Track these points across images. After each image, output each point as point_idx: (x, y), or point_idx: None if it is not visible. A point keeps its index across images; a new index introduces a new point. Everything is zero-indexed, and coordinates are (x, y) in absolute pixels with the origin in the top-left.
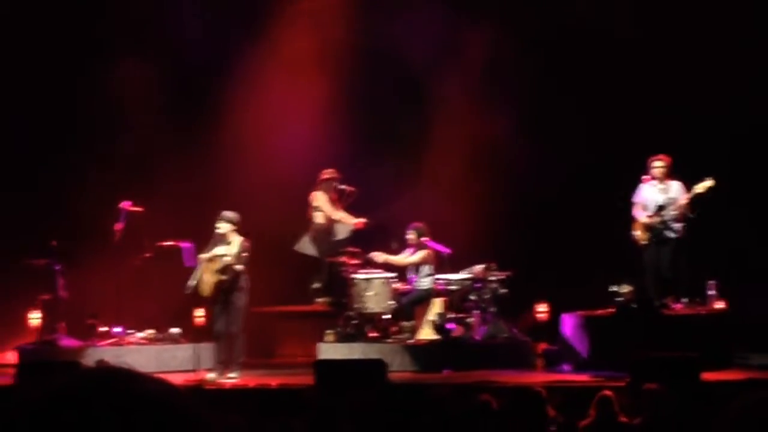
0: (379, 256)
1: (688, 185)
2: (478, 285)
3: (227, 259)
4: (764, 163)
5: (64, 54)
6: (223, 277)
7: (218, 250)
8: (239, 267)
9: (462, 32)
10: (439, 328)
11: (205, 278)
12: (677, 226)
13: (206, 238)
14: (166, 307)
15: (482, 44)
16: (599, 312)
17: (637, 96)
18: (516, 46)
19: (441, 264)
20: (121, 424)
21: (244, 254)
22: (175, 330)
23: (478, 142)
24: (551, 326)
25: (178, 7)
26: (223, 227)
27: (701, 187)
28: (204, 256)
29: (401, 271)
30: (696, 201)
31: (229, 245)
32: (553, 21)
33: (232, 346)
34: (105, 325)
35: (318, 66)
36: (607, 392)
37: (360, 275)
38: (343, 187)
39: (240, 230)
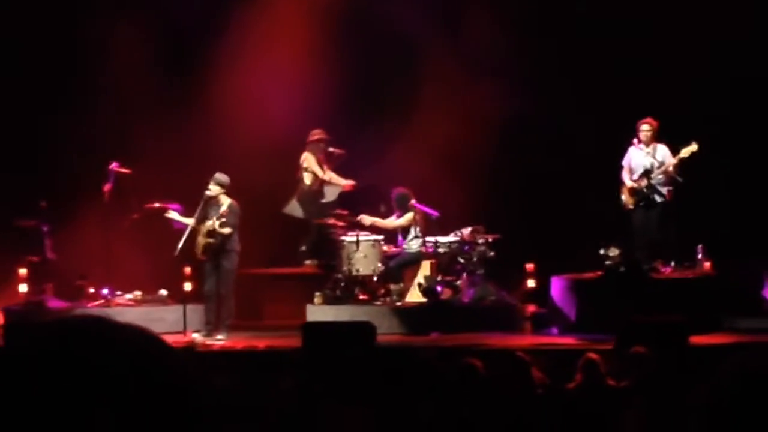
0: (366, 219)
1: (676, 149)
2: (467, 248)
3: (217, 221)
4: (751, 125)
5: (52, 14)
6: (213, 240)
7: (212, 212)
8: (227, 230)
9: None
10: (427, 290)
11: (199, 240)
12: (665, 189)
13: (195, 199)
14: (154, 268)
15: (473, 7)
16: (587, 275)
17: (626, 59)
18: (508, 10)
19: (429, 227)
20: (97, 371)
21: (233, 216)
22: (163, 291)
23: (468, 105)
24: (540, 289)
25: None
26: (214, 189)
27: (686, 151)
28: (187, 220)
29: (390, 234)
30: (682, 165)
31: (219, 207)
32: None
33: (221, 307)
34: (93, 287)
35: (307, 26)
36: (593, 355)
37: (349, 237)
38: (331, 149)
39: (229, 192)
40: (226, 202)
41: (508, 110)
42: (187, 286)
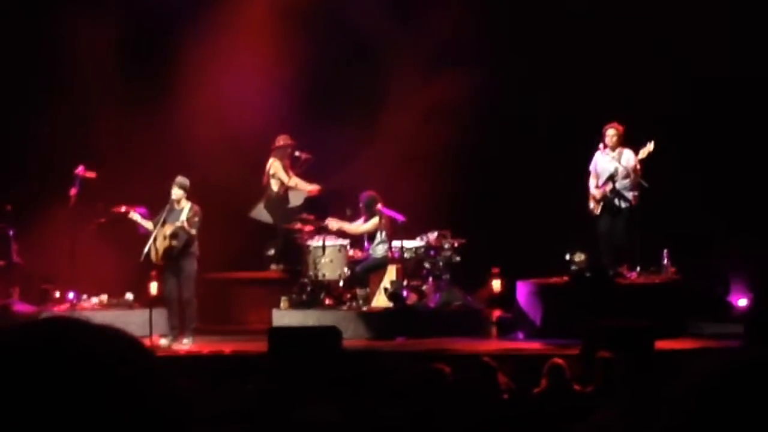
0: (333, 224)
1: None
2: (432, 252)
3: (178, 224)
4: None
5: (17, 12)
6: (174, 243)
7: (174, 215)
8: (194, 230)
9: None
10: (393, 295)
11: (157, 244)
12: (630, 195)
13: (161, 203)
14: (120, 272)
15: (438, 6)
16: (553, 280)
17: (594, 62)
18: (475, 8)
19: (395, 231)
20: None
21: (195, 219)
22: (129, 295)
23: (433, 109)
24: (506, 294)
25: None
26: (177, 193)
27: (643, 152)
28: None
29: (356, 239)
30: (645, 168)
31: (181, 210)
32: None
33: (185, 311)
34: (59, 290)
35: (271, 29)
36: (558, 360)
37: (315, 242)
38: (298, 153)
39: (190, 196)
40: (187, 205)
41: (473, 115)
42: (153, 290)
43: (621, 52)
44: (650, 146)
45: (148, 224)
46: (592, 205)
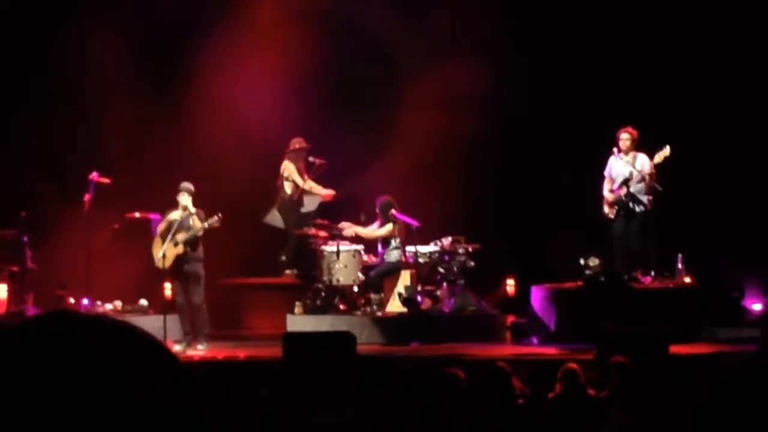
0: (347, 228)
1: (654, 157)
2: (447, 258)
3: (193, 232)
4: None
5: (30, 19)
6: (188, 249)
7: (188, 221)
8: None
9: (431, 3)
10: (407, 300)
11: (167, 251)
12: (645, 199)
13: (176, 208)
14: (134, 278)
15: (450, 13)
16: (567, 285)
17: (606, 67)
18: (490, 13)
19: (409, 236)
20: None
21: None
22: (143, 302)
23: (448, 114)
24: (520, 299)
25: None
26: (185, 200)
27: (659, 156)
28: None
29: (370, 244)
30: (660, 172)
31: (193, 216)
32: None
33: (197, 316)
34: (73, 297)
35: (287, 34)
36: (573, 365)
37: (329, 247)
38: (312, 159)
39: (194, 201)
40: (193, 210)
41: (488, 120)
42: (167, 296)
43: (634, 56)
44: (666, 151)
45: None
46: (606, 209)
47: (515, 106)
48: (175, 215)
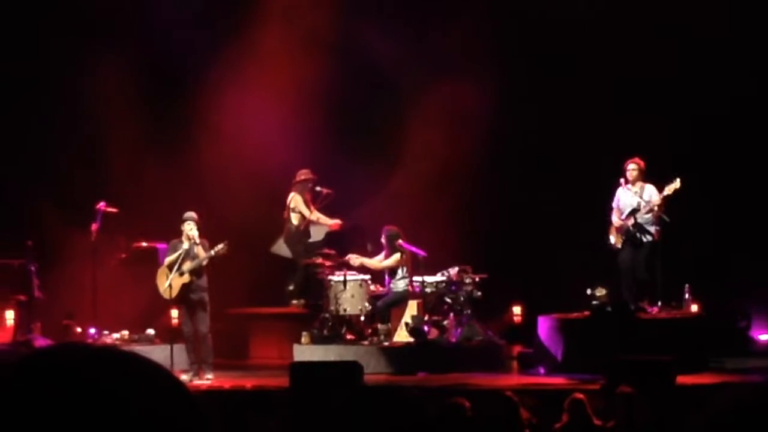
0: (355, 259)
1: (663, 188)
2: (453, 287)
3: (198, 261)
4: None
5: (40, 49)
6: (195, 278)
7: (194, 251)
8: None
9: (435, 30)
10: (414, 330)
11: (173, 280)
12: (652, 229)
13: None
14: (141, 308)
15: (457, 43)
16: (574, 315)
17: (616, 98)
18: (496, 43)
19: (416, 266)
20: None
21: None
22: (150, 331)
23: (454, 144)
24: (527, 329)
25: (155, 5)
26: (192, 228)
27: (669, 188)
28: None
29: (377, 274)
30: (668, 203)
31: (198, 245)
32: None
33: (202, 346)
34: (80, 326)
35: (293, 65)
36: (579, 395)
37: (335, 277)
38: (319, 189)
39: (200, 230)
40: (198, 239)
41: (494, 151)
42: (174, 324)
43: (640, 89)
44: (677, 183)
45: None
46: (612, 238)
47: (521, 138)
48: (186, 245)
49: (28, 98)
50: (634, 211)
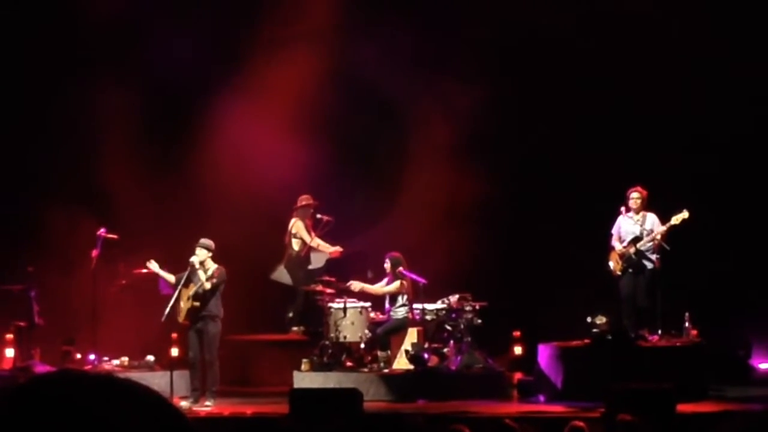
0: (356, 285)
1: (664, 217)
2: (454, 315)
3: (199, 286)
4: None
5: (42, 77)
6: (197, 304)
7: (197, 276)
8: (208, 285)
9: (440, 60)
10: (414, 357)
11: (181, 305)
12: (653, 257)
13: (183, 264)
14: (141, 334)
15: (460, 72)
16: (574, 343)
17: (617, 127)
18: (499, 75)
19: (417, 294)
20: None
21: (214, 280)
22: (149, 357)
23: (455, 172)
24: (527, 357)
25: (157, 33)
26: (201, 254)
27: (677, 218)
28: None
29: (377, 301)
30: (671, 232)
31: (206, 272)
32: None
33: (207, 373)
34: (80, 352)
35: (295, 91)
36: (579, 423)
37: (336, 304)
38: (319, 216)
39: (215, 257)
40: (212, 266)
41: (496, 180)
42: (174, 352)
43: (642, 118)
44: (685, 214)
45: (168, 276)
46: (612, 264)
47: (523, 167)
48: (189, 271)
49: (29, 128)
50: (636, 240)
